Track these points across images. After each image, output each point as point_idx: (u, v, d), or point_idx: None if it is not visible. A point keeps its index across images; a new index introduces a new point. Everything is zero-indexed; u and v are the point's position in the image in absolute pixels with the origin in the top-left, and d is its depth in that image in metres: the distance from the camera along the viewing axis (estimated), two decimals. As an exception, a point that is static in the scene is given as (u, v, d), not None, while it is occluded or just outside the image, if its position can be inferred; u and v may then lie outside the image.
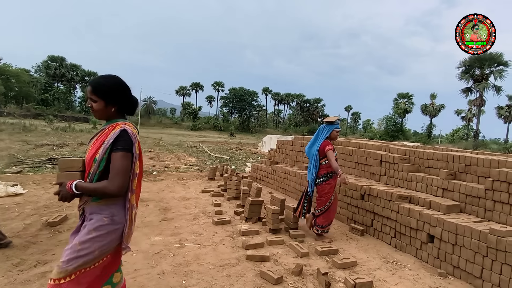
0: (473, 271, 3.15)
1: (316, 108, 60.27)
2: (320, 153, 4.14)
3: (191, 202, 5.70)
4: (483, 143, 33.23)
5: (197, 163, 11.51)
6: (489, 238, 3.00)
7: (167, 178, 7.89)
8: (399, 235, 4.06)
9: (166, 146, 18.05)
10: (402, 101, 46.29)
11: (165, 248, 3.59)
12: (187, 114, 59.12)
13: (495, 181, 3.47)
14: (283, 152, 7.91)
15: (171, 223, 4.46)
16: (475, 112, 34.85)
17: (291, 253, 3.65)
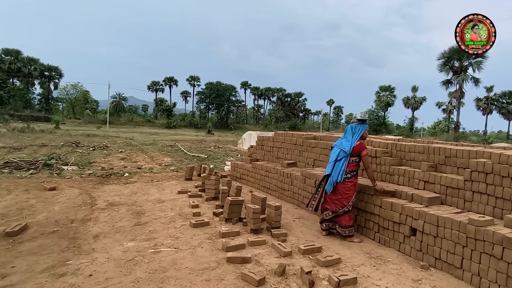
0: (454, 261, 3.32)
1: (298, 102, 60.96)
2: (353, 151, 4.23)
3: (167, 204, 5.63)
4: (463, 135, 34.97)
5: (173, 163, 11.35)
6: (468, 228, 3.18)
7: (140, 180, 7.73)
8: (383, 229, 4.21)
9: (138, 145, 17.66)
10: (384, 94, 47.74)
11: (139, 254, 3.53)
12: (161, 111, 58.02)
13: (473, 172, 3.66)
14: (263, 149, 7.95)
15: (145, 228, 4.39)
16: (455, 104, 36.56)
17: (274, 253, 3.69)
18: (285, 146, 7.15)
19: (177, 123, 50.48)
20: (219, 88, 55.60)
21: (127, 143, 18.57)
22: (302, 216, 5.29)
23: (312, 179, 5.45)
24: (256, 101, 68.43)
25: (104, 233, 4.13)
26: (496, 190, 3.45)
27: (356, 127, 4.34)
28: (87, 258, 3.42)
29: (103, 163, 10.50)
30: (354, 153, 4.23)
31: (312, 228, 4.68)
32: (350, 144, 4.26)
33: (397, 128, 51.79)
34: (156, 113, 60.36)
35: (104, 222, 4.56)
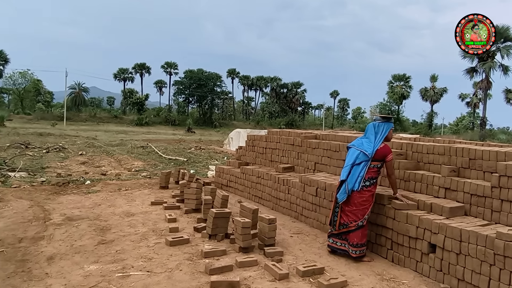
0: (479, 283, 3.39)
1: (296, 94, 61.25)
2: (376, 155, 4.25)
3: (138, 218, 5.60)
4: (490, 133, 35.72)
5: (145, 167, 11.29)
6: (496, 243, 3.24)
7: (104, 189, 7.68)
8: (397, 246, 4.26)
9: (103, 147, 17.51)
10: (398, 84, 48.37)
11: (104, 279, 3.50)
12: (130, 104, 57.55)
13: (502, 177, 3.74)
14: (254, 151, 7.97)
15: (111, 247, 4.35)
16: (481, 97, 37.28)
17: (267, 275, 3.70)
18: (280, 147, 7.18)
19: (150, 119, 50.17)
20: (201, 77, 55.36)
21: (89, 144, 18.39)
22: (301, 231, 5.32)
23: (313, 187, 5.49)
24: (246, 92, 68.51)
25: (60, 254, 4.08)
26: (528, 198, 3.53)
27: (379, 126, 4.36)
28: (39, 285, 3.37)
29: (59, 168, 10.38)
30: (377, 157, 4.25)
31: (312, 246, 4.72)
32: (372, 146, 4.28)
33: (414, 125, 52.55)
34: (125, 107, 59.85)
35: (60, 241, 4.51)
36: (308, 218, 5.64)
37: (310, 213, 5.59)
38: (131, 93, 59.25)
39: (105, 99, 73.99)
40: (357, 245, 4.24)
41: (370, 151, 4.25)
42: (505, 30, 31.60)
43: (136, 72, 62.62)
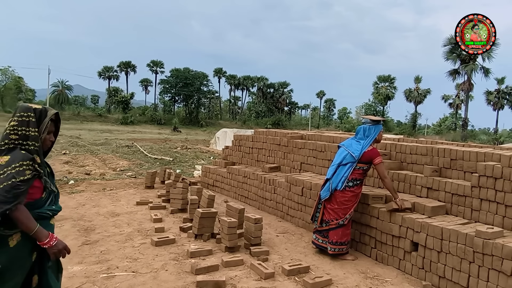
0: (459, 280, 3.48)
1: (282, 94, 61.49)
2: (362, 157, 4.29)
3: (123, 218, 5.55)
4: (472, 133, 36.60)
5: (130, 167, 11.18)
6: (476, 241, 3.34)
7: (89, 189, 7.58)
8: (380, 244, 4.34)
9: (87, 146, 17.27)
10: (383, 85, 49.06)
11: (88, 280, 3.47)
12: (115, 103, 56.79)
13: (481, 177, 3.85)
14: (241, 150, 7.98)
15: (95, 247, 4.31)
16: (463, 98, 38.15)
17: (253, 275, 3.73)
18: (266, 147, 7.21)
19: (136, 118, 49.60)
20: (187, 76, 55.00)
21: (73, 143, 18.11)
22: (287, 230, 5.37)
23: (299, 186, 5.54)
24: (233, 92, 68.44)
25: (43, 255, 4.02)
26: (506, 197, 3.64)
27: (370, 129, 4.40)
28: (22, 286, 3.32)
29: (42, 168, 10.17)
30: (363, 159, 4.31)
31: (298, 245, 4.76)
32: (361, 148, 4.33)
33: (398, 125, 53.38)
34: (109, 106, 59.06)
35: (43, 242, 4.44)
36: (294, 218, 5.69)
37: (296, 213, 5.64)
38: (116, 91, 58.48)
39: (89, 97, 72.86)
40: (336, 243, 4.29)
41: (357, 153, 4.31)
42: (486, 34, 32.40)
43: (121, 70, 61.87)
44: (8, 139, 2.06)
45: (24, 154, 2.04)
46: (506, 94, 44.14)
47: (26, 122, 2.09)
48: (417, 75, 49.12)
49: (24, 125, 2.09)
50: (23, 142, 2.07)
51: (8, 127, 2.09)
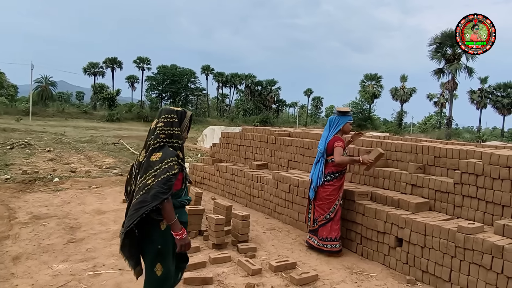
0: (441, 274, 3.58)
1: (270, 92, 61.53)
2: (328, 149, 4.34)
3: (109, 216, 5.51)
4: (456, 132, 37.33)
5: (116, 164, 11.07)
6: (457, 236, 3.43)
7: (74, 187, 7.48)
8: (366, 240, 4.41)
9: (72, 143, 17.01)
10: (369, 83, 49.55)
11: (74, 278, 3.44)
12: (101, 100, 55.97)
13: (463, 174, 3.95)
14: (228, 148, 7.98)
15: (81, 245, 4.27)
16: (447, 97, 38.83)
17: (240, 271, 3.75)
18: (254, 145, 7.23)
19: (122, 115, 48.96)
20: (174, 73, 54.60)
21: (57, 140, 17.82)
22: (274, 227, 5.40)
23: (286, 183, 5.58)
24: (221, 89, 68.13)
25: (27, 254, 3.97)
26: (487, 193, 3.75)
27: (335, 120, 4.43)
28: (5, 285, 3.28)
29: (25, 165, 10.00)
30: (329, 151, 4.35)
31: (285, 241, 4.80)
32: (324, 141, 4.40)
33: (384, 123, 54.00)
34: (95, 103, 58.15)
35: (27, 240, 4.38)
36: (281, 215, 5.73)
37: (283, 210, 5.68)
38: (101, 88, 57.60)
39: (74, 94, 71.65)
40: (326, 239, 4.34)
41: (322, 146, 4.40)
42: (470, 34, 33.00)
43: (107, 66, 60.92)
44: (159, 138, 2.37)
45: (172, 151, 2.37)
46: (489, 93, 45.13)
47: (170, 122, 2.43)
48: (403, 74, 49.73)
49: (169, 125, 2.42)
50: (169, 140, 2.39)
51: (158, 127, 2.41)
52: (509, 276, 3.05)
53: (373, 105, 49.69)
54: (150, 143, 2.39)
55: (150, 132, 2.45)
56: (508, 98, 42.89)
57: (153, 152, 2.35)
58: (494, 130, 56.55)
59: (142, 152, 2.45)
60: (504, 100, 43.05)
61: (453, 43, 33.74)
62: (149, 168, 2.29)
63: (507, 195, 3.59)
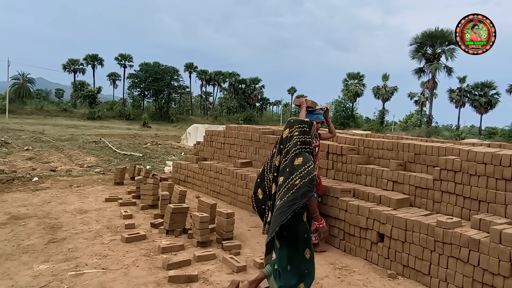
0: (421, 268, 3.68)
1: (254, 90, 61.54)
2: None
3: (92, 215, 5.44)
4: (436, 130, 38.15)
5: (98, 163, 10.90)
6: (437, 231, 3.54)
7: (54, 186, 7.33)
8: (348, 236, 4.50)
9: (51, 141, 16.63)
10: (352, 82, 50.09)
11: (55, 278, 3.39)
12: (81, 97, 54.81)
13: (442, 170, 4.07)
14: (212, 146, 7.97)
15: (62, 245, 4.21)
16: (428, 96, 39.67)
17: (225, 268, 3.77)
18: (238, 143, 7.25)
19: (104, 113, 48.06)
20: (157, 71, 53.84)
21: (36, 139, 17.38)
22: (259, 224, 5.41)
23: (270, 181, 5.61)
24: (204, 87, 67.77)
25: (6, 255, 3.88)
26: (464, 189, 3.88)
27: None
28: (-16, 287, 3.20)
29: (2, 164, 9.73)
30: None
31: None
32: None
33: (367, 121, 54.76)
34: (75, 100, 56.92)
35: (5, 241, 4.28)
36: (266, 212, 5.76)
37: (268, 207, 5.72)
38: (82, 85, 56.43)
39: (53, 91, 69.91)
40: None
41: None
42: (449, 34, 33.79)
43: (88, 63, 59.65)
44: (298, 145, 2.78)
45: (309, 156, 2.78)
46: (467, 92, 46.30)
47: (303, 131, 2.84)
48: (384, 73, 50.53)
49: (303, 133, 2.83)
50: (305, 146, 2.80)
51: (295, 136, 2.83)
52: (485, 268, 3.17)
53: (355, 104, 50.24)
54: (289, 149, 2.79)
55: (284, 140, 2.87)
56: (485, 97, 44.10)
57: (295, 157, 2.74)
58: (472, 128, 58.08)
59: (277, 157, 2.87)
60: (481, 99, 44.25)
61: (433, 43, 34.57)
62: (294, 171, 2.67)
63: (483, 190, 3.72)
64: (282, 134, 2.89)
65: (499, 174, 3.63)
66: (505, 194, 3.58)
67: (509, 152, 3.78)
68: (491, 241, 3.14)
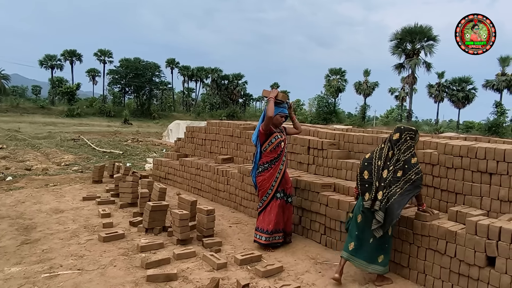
0: (400, 260, 3.72)
1: (237, 86, 61.28)
2: (259, 138, 4.28)
3: (68, 214, 5.30)
4: (416, 124, 38.88)
5: (76, 161, 10.65)
6: (415, 224, 3.58)
7: (29, 185, 7.12)
8: (329, 231, 4.51)
9: (27, 139, 16.16)
10: (334, 78, 50.51)
11: (28, 281, 3.27)
12: (59, 94, 53.43)
13: (420, 164, 4.10)
14: (194, 142, 7.88)
15: (36, 246, 4.08)
16: (407, 91, 40.39)
17: (206, 266, 3.73)
18: (219, 138, 7.18)
19: (83, 111, 47.00)
20: (138, 67, 52.92)
21: (11, 137, 16.87)
22: (240, 220, 5.40)
23: (252, 177, 5.57)
24: (186, 83, 67.09)
25: (-24, 258, 3.72)
26: (442, 182, 3.93)
27: (265, 109, 4.33)
28: (-49, 292, 3.06)
29: (-25, 164, 9.38)
30: (262, 138, 4.29)
31: (251, 235, 4.80)
32: (257, 132, 4.36)
33: (349, 116, 55.34)
34: (53, 97, 55.50)
35: (-24, 243, 4.11)
36: (247, 208, 5.74)
37: (249, 203, 5.69)
38: (60, 82, 55.02)
39: (30, 88, 67.99)
40: (257, 228, 4.35)
41: (254, 138, 4.42)
42: (428, 30, 34.47)
43: (66, 59, 58.18)
44: (412, 148, 3.51)
45: (416, 157, 3.52)
46: (446, 87, 47.32)
47: (412, 137, 3.55)
48: (366, 68, 51.16)
49: (411, 139, 3.54)
50: (414, 149, 3.54)
51: (409, 140, 3.52)
52: (461, 259, 3.22)
53: (337, 99, 50.68)
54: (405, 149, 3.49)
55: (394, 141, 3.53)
56: (462, 92, 45.15)
57: (412, 157, 3.45)
58: (451, 123, 59.46)
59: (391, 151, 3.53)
60: (459, 94, 45.28)
61: (412, 39, 35.15)
62: (412, 168, 3.40)
63: (460, 183, 3.78)
64: (393, 136, 3.58)
65: (474, 167, 3.69)
66: (481, 186, 3.65)
67: (484, 145, 3.84)
68: (467, 233, 3.18)
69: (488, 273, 3.05)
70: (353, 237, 3.58)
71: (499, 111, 37.22)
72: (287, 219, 4.46)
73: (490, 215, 3.53)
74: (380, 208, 3.37)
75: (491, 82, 41.26)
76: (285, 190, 4.43)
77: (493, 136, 24.81)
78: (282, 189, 4.38)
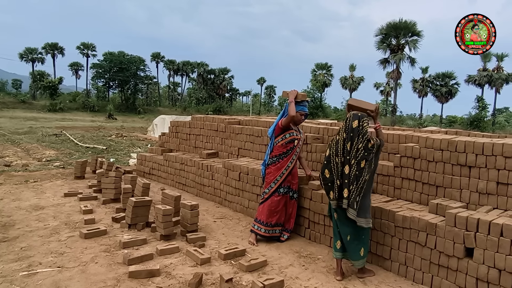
0: (383, 253, 3.77)
1: (223, 80, 60.98)
2: (275, 131, 4.37)
3: (48, 211, 5.19)
4: (400, 119, 39.48)
5: (58, 157, 10.44)
6: (397, 217, 3.63)
7: (8, 181, 6.94)
8: (313, 224, 4.53)
9: (7, 135, 15.77)
10: (320, 72, 50.74)
11: (5, 280, 3.19)
12: (41, 88, 52.20)
13: (402, 157, 4.16)
14: (178, 137, 7.81)
15: (14, 244, 3.98)
16: (392, 86, 40.86)
17: (189, 261, 3.70)
18: (204, 133, 7.13)
19: (66, 105, 46.12)
20: (122, 60, 52.06)
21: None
22: (225, 215, 5.39)
23: (236, 171, 5.56)
24: (172, 77, 66.40)
25: (-50, 256, 3.62)
26: (423, 175, 3.99)
27: (286, 107, 4.41)
28: None
29: (-49, 160, 9.11)
30: (277, 132, 4.39)
31: (235, 229, 4.81)
32: (274, 125, 4.45)
33: (335, 111, 55.79)
34: (34, 92, 54.19)
35: (-49, 241, 3.99)
36: (232, 203, 5.73)
37: (234, 198, 5.68)
38: (41, 75, 53.70)
39: (10, 81, 66.16)
40: (256, 219, 4.40)
41: (270, 130, 4.48)
42: (412, 25, 34.84)
43: (47, 52, 56.79)
44: (366, 134, 3.36)
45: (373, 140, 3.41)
46: (429, 82, 48.06)
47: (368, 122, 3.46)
48: (351, 63, 51.64)
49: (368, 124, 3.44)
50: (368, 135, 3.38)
51: (365, 126, 3.39)
52: (441, 251, 3.28)
53: (324, 94, 50.96)
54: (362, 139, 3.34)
55: (354, 129, 3.37)
56: (446, 87, 45.96)
57: (368, 142, 3.34)
58: (434, 117, 60.46)
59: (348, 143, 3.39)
60: (442, 89, 46.08)
61: (397, 34, 35.50)
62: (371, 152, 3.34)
63: (440, 176, 3.84)
64: (352, 124, 3.38)
65: (454, 160, 3.75)
66: (460, 179, 3.71)
67: (464, 138, 3.91)
68: (446, 225, 3.24)
69: (467, 263, 3.12)
70: (337, 235, 3.60)
71: (481, 105, 38.07)
72: (289, 215, 4.49)
73: (469, 207, 3.60)
74: (349, 205, 3.34)
75: (473, 77, 42.12)
76: (291, 186, 4.46)
77: (474, 130, 25.39)
78: (287, 185, 4.41)
